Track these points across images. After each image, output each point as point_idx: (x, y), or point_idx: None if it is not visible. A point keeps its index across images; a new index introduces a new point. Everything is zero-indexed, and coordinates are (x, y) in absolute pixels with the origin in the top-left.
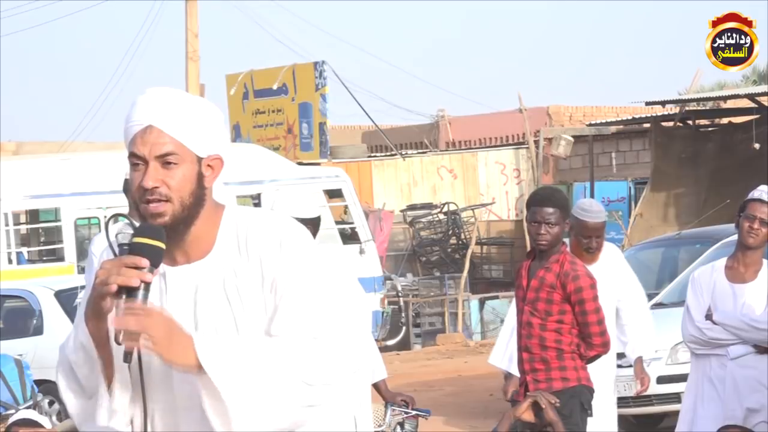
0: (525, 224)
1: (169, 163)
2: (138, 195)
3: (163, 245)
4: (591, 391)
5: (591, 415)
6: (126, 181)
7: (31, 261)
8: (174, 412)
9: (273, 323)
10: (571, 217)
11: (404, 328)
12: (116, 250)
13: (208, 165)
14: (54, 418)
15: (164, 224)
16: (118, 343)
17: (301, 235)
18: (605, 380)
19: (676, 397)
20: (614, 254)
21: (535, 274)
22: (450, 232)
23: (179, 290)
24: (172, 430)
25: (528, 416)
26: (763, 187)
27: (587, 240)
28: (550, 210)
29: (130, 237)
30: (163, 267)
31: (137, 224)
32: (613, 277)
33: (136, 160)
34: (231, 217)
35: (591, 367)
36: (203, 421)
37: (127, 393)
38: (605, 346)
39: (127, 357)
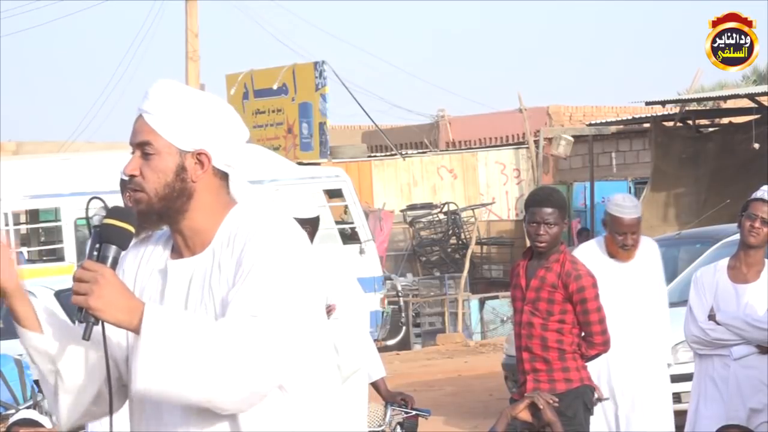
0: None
1: (147, 153)
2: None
3: (131, 228)
4: (593, 390)
5: (593, 414)
6: (122, 180)
7: (31, 261)
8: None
9: (229, 295)
10: (605, 213)
11: (404, 328)
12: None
13: (197, 160)
14: (54, 418)
15: (139, 211)
16: (78, 321)
17: (285, 228)
18: (651, 375)
19: (676, 397)
20: (651, 252)
21: (535, 273)
22: (450, 232)
23: (176, 283)
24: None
25: (524, 416)
26: (765, 187)
27: (622, 237)
28: (549, 210)
29: (101, 219)
30: (165, 262)
31: (110, 207)
32: (648, 275)
33: (131, 149)
34: (236, 215)
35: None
36: (183, 416)
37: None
38: (606, 345)
39: (85, 333)
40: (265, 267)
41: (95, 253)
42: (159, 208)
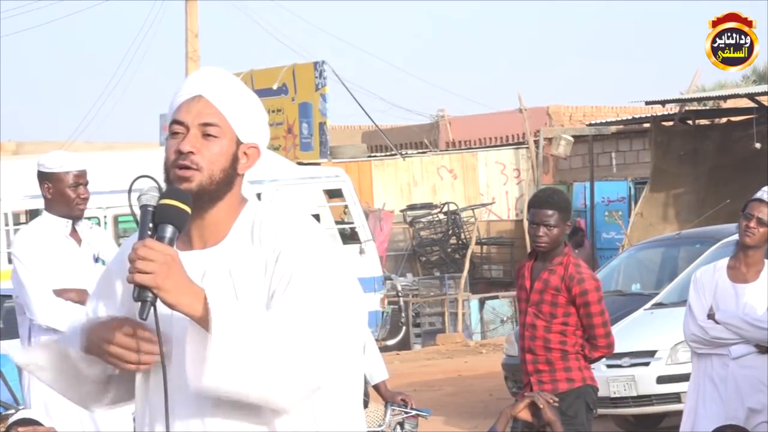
0: (525, 225)
1: (209, 135)
2: (171, 159)
3: (188, 209)
4: (596, 390)
5: (596, 414)
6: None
7: None
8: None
9: (275, 296)
10: None
11: (404, 328)
12: (137, 214)
13: (245, 152)
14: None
15: (189, 191)
16: (135, 299)
17: (312, 224)
18: None
19: (676, 397)
20: None
21: (539, 276)
22: (450, 232)
23: (189, 274)
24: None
25: (524, 415)
26: (766, 188)
27: None
28: (549, 212)
29: (157, 199)
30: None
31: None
32: None
33: (177, 127)
34: (251, 209)
35: None
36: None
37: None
38: (610, 348)
39: (143, 312)
40: (311, 262)
41: (149, 233)
42: (209, 191)
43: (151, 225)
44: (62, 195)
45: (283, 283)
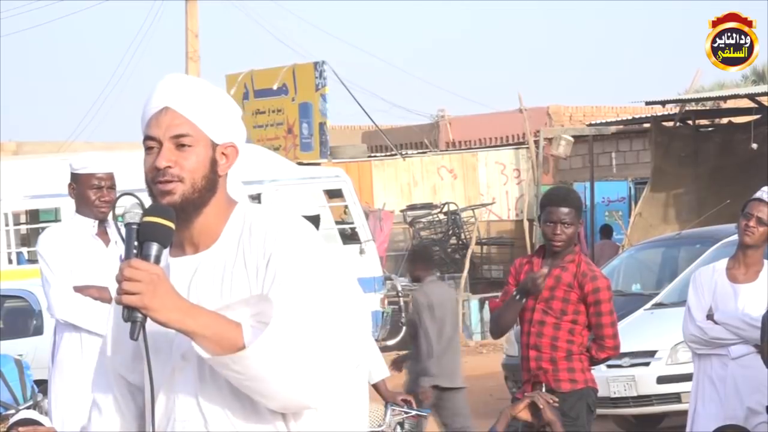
0: (527, 224)
1: (183, 145)
2: (150, 176)
3: (172, 225)
4: (596, 392)
5: (596, 416)
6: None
7: (31, 261)
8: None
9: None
10: None
11: (404, 328)
12: (122, 231)
13: (223, 153)
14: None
15: (174, 203)
16: (125, 320)
17: (303, 225)
18: None
19: (676, 397)
20: None
21: (550, 272)
22: (450, 232)
23: (177, 280)
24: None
25: (525, 415)
26: (765, 188)
27: None
28: (566, 210)
29: (140, 217)
30: (166, 259)
31: (146, 205)
32: None
33: (150, 142)
34: (241, 212)
35: None
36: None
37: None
38: (616, 349)
39: (134, 332)
40: (303, 263)
41: (134, 251)
42: (194, 199)
43: (136, 243)
44: (84, 196)
45: (270, 284)
